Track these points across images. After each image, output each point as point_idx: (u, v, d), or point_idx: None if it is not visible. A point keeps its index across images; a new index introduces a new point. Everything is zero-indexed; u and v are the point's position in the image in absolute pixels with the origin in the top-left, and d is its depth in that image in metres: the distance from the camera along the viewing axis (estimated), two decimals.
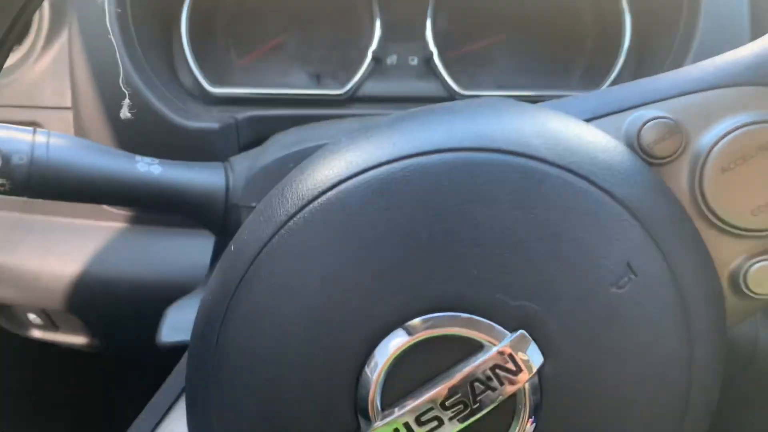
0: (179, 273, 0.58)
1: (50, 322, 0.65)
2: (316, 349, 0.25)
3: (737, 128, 0.27)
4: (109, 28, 0.50)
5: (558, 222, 0.25)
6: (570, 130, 0.27)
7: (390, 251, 0.25)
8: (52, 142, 0.41)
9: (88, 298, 0.59)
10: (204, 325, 0.28)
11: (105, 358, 0.75)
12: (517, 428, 0.25)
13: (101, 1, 0.51)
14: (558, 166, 0.25)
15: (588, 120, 0.29)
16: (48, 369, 0.77)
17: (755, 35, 0.54)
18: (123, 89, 0.32)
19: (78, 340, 0.66)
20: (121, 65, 0.27)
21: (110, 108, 0.54)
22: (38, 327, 0.67)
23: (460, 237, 0.24)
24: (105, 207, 0.59)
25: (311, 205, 0.26)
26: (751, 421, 0.58)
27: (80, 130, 0.56)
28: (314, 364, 0.25)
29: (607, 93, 0.31)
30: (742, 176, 0.27)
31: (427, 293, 0.24)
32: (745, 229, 0.27)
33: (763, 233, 0.27)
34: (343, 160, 0.27)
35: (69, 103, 0.56)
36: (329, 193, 0.26)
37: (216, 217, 0.46)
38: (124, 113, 0.32)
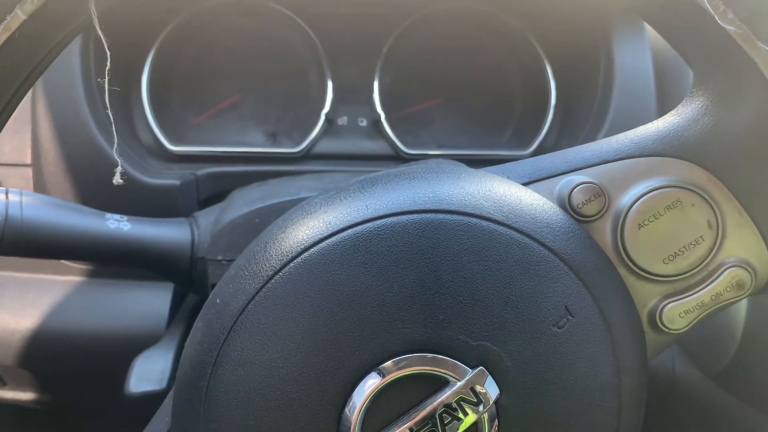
0: (135, 325, 0.59)
1: None
2: (301, 392, 0.28)
3: (649, 191, 0.32)
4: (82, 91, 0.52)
5: (507, 273, 0.29)
6: (513, 194, 0.32)
7: (366, 300, 0.28)
8: (25, 201, 0.43)
9: (43, 353, 0.59)
10: (192, 371, 0.30)
11: (52, 414, 0.74)
12: None
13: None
14: (505, 225, 0.30)
15: (525, 184, 0.34)
16: None
17: (659, 99, 0.62)
18: (116, 158, 0.35)
19: (26, 396, 0.65)
20: (116, 136, 0.29)
21: (73, 165, 0.55)
22: None
23: (427, 287, 0.28)
24: (61, 261, 0.60)
25: (294, 261, 0.29)
26: None
27: (40, 187, 0.57)
28: (300, 406, 0.28)
29: (540, 160, 0.36)
30: (654, 231, 0.32)
31: (398, 337, 0.28)
32: (659, 275, 0.33)
33: (674, 278, 0.33)
34: (321, 220, 0.30)
35: (29, 160, 0.58)
36: (311, 250, 0.29)
37: (182, 270, 0.49)
38: (117, 180, 0.34)
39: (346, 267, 0.29)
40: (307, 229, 0.30)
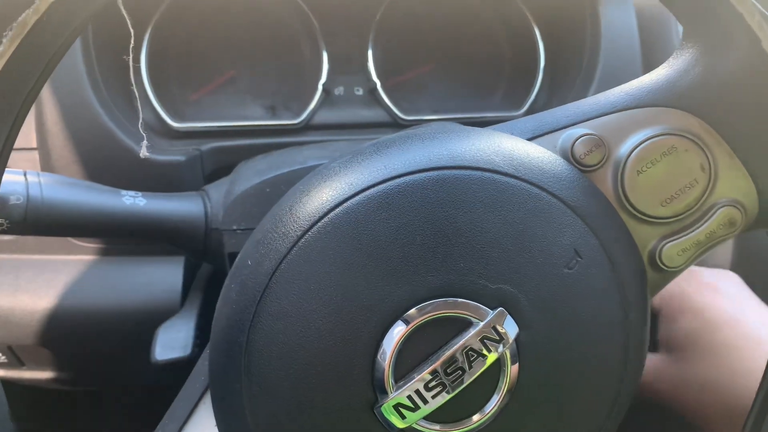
0: (150, 299, 0.61)
1: (15, 358, 0.66)
2: (336, 341, 0.30)
3: (646, 140, 0.35)
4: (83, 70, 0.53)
5: (521, 221, 0.31)
6: (521, 148, 0.34)
7: (391, 253, 0.30)
8: (44, 181, 0.44)
9: (61, 331, 0.61)
10: (230, 328, 0.33)
11: (71, 392, 0.76)
12: (504, 384, 0.31)
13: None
14: (516, 177, 0.32)
15: (529, 139, 0.36)
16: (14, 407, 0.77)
17: (645, 55, 0.64)
18: (141, 132, 0.36)
19: (45, 375, 0.67)
20: (140, 111, 0.31)
21: (79, 146, 0.56)
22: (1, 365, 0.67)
23: (447, 237, 0.31)
24: (72, 240, 0.62)
25: (322, 221, 0.31)
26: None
27: (48, 169, 0.58)
28: (336, 354, 0.30)
29: (542, 117, 0.38)
30: (651, 176, 0.35)
31: (423, 284, 0.30)
32: (657, 217, 0.35)
33: (671, 219, 0.35)
34: (344, 181, 0.32)
35: (34, 144, 0.59)
36: (337, 209, 0.31)
37: (197, 242, 0.50)
38: (143, 153, 0.36)
39: (371, 223, 0.31)
40: (330, 191, 0.32)
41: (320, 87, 0.64)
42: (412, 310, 0.30)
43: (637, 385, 0.35)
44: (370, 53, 0.65)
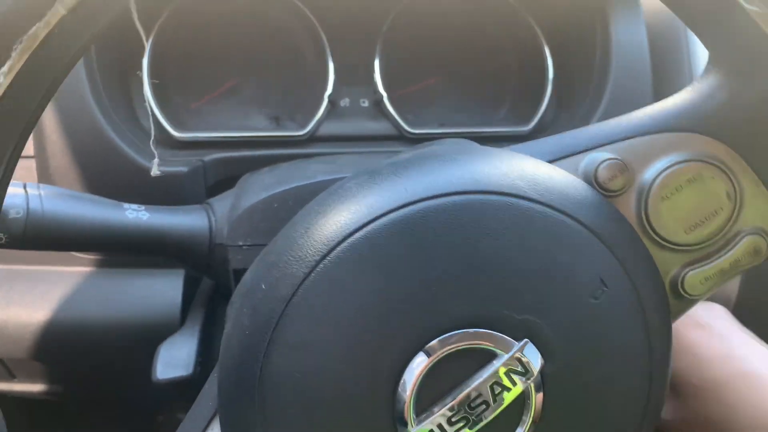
0: (148, 313, 0.59)
1: (7, 371, 0.64)
2: (356, 373, 0.29)
3: (670, 166, 0.34)
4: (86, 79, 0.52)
5: (546, 248, 0.30)
6: (544, 172, 0.33)
7: (413, 281, 0.29)
8: (44, 194, 0.43)
9: (55, 344, 0.59)
10: (241, 356, 0.31)
11: (63, 405, 0.74)
12: (529, 417, 0.30)
13: None
14: (541, 203, 0.31)
15: (550, 161, 0.36)
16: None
17: (655, 74, 0.64)
18: (152, 149, 0.35)
19: (36, 388, 0.65)
20: (153, 127, 0.30)
21: (79, 156, 0.55)
22: None
23: (471, 266, 0.30)
24: (69, 252, 0.60)
25: (341, 246, 0.30)
26: None
27: (46, 179, 0.57)
28: (356, 385, 0.29)
29: (562, 138, 0.37)
30: (676, 203, 0.34)
31: (446, 315, 0.29)
32: (681, 245, 0.34)
33: (695, 247, 0.34)
34: (362, 204, 0.31)
35: (32, 152, 0.57)
36: (357, 234, 0.30)
37: (201, 258, 0.49)
38: (155, 171, 0.35)
39: (391, 249, 0.30)
40: (349, 214, 0.31)
41: (326, 98, 0.63)
42: (435, 342, 0.29)
43: (659, 414, 0.34)
44: (376, 64, 0.64)
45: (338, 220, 0.31)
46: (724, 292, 0.61)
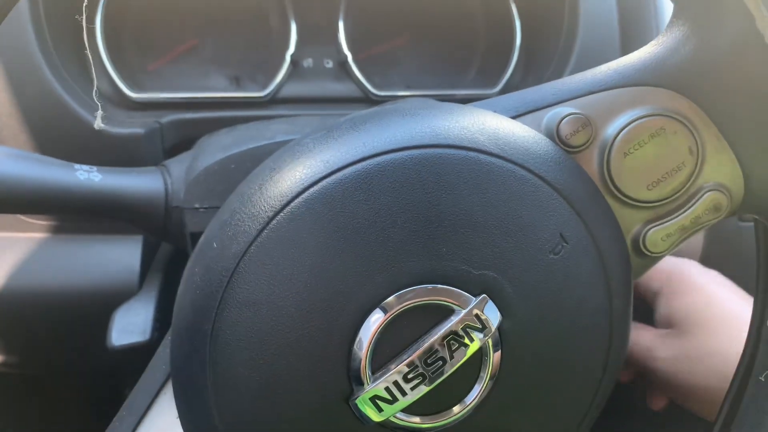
0: (106, 280, 0.58)
1: None
2: (310, 330, 0.28)
3: (633, 120, 0.33)
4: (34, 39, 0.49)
5: (506, 204, 0.30)
6: (505, 127, 0.32)
7: (370, 237, 0.28)
8: None
9: (8, 313, 0.57)
10: (193, 315, 0.30)
11: (20, 376, 0.72)
12: (486, 374, 0.30)
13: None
14: (501, 158, 0.30)
15: (513, 117, 0.35)
16: None
17: (623, 37, 0.63)
18: (95, 101, 0.33)
19: None
20: (94, 78, 0.28)
21: (29, 115, 0.52)
22: None
23: (429, 221, 0.29)
24: (20, 217, 0.58)
25: (295, 201, 0.29)
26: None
27: None
28: (310, 344, 0.28)
29: (525, 94, 0.36)
30: (638, 159, 0.33)
31: (404, 270, 0.29)
32: (643, 201, 0.34)
33: (656, 203, 0.34)
34: (318, 159, 0.30)
35: None
36: (312, 189, 0.29)
37: (156, 221, 0.47)
38: (98, 124, 0.33)
39: (348, 205, 0.29)
40: (304, 169, 0.30)
41: (288, 58, 0.61)
42: (391, 298, 0.29)
43: (619, 372, 0.34)
44: (341, 24, 0.62)
45: (293, 175, 0.30)
46: (689, 249, 0.61)
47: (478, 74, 0.69)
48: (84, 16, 0.25)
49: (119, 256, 0.58)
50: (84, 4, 0.26)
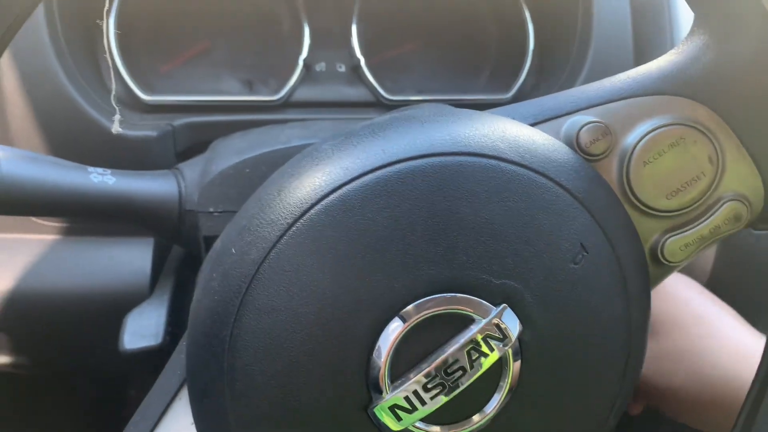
0: (117, 283, 0.57)
1: None
2: (329, 338, 0.28)
3: (653, 130, 0.33)
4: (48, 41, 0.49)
5: (526, 212, 0.30)
6: (525, 135, 0.32)
7: (390, 244, 0.28)
8: (3, 155, 0.41)
9: (20, 314, 0.57)
10: (211, 321, 0.30)
11: (30, 377, 0.72)
12: (506, 383, 0.29)
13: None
14: (522, 166, 0.30)
15: (532, 124, 0.35)
16: None
17: (636, 43, 0.63)
18: (114, 105, 0.33)
19: (1, 360, 0.63)
20: (113, 81, 0.28)
21: (42, 117, 0.52)
22: None
23: (450, 229, 0.29)
24: (33, 218, 0.58)
25: (315, 208, 0.29)
26: None
27: (8, 141, 0.54)
28: (329, 352, 0.28)
29: (544, 101, 0.36)
30: (658, 168, 0.33)
31: (424, 279, 0.28)
32: (662, 210, 0.34)
33: (675, 213, 0.34)
34: (338, 165, 0.30)
35: None
36: (332, 196, 0.29)
37: (170, 224, 0.47)
38: (116, 128, 0.33)
39: (368, 212, 0.28)
40: (323, 175, 0.30)
41: (301, 62, 0.61)
42: (411, 306, 0.28)
43: (637, 382, 0.34)
44: (354, 28, 0.62)
45: (312, 182, 0.30)
46: (699, 264, 0.61)
47: (491, 79, 0.69)
48: (105, 21, 0.26)
49: (130, 259, 0.58)
50: (105, 9, 0.26)
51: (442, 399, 0.28)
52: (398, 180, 0.29)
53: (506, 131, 0.32)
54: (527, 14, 0.65)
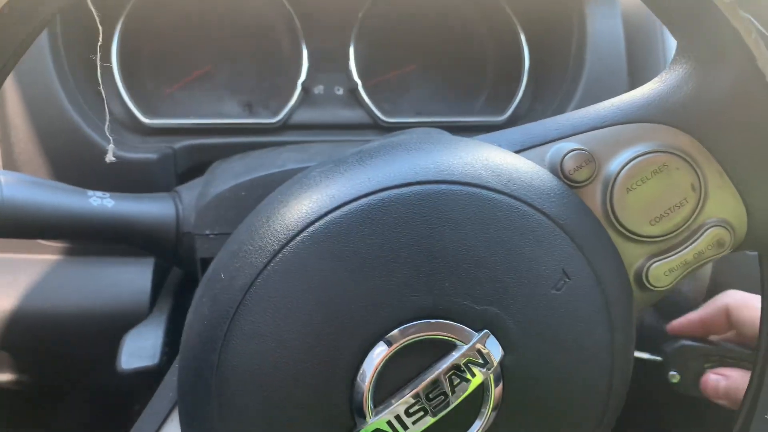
0: (116, 302, 0.58)
1: None
2: (313, 363, 0.29)
3: (636, 157, 0.34)
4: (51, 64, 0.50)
5: (508, 239, 0.30)
6: (509, 162, 0.33)
7: (374, 271, 0.29)
8: (5, 180, 0.42)
9: (22, 333, 0.58)
10: (201, 345, 0.31)
11: (32, 394, 0.73)
12: (488, 408, 0.30)
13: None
14: (504, 194, 0.31)
15: (517, 151, 0.35)
16: None
17: (630, 67, 0.64)
18: (108, 135, 0.34)
19: (3, 377, 0.64)
20: (107, 112, 0.29)
21: (45, 141, 0.54)
22: None
23: (433, 256, 0.29)
24: (35, 240, 0.59)
25: (301, 235, 0.29)
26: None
27: (11, 165, 0.55)
28: (313, 376, 0.29)
29: (529, 128, 0.37)
30: (641, 194, 0.34)
31: (407, 305, 0.29)
32: (646, 236, 0.34)
33: (659, 238, 0.34)
34: (324, 193, 0.31)
35: None
36: (317, 224, 0.29)
37: (168, 245, 0.48)
38: (109, 157, 0.34)
39: (353, 239, 0.29)
40: (310, 203, 0.30)
41: (299, 85, 0.62)
42: (395, 332, 0.29)
43: (620, 408, 0.34)
44: (351, 52, 0.63)
45: (299, 209, 0.30)
46: (697, 282, 0.61)
47: (487, 101, 0.70)
48: (98, 55, 0.27)
49: (131, 279, 0.58)
50: (98, 44, 0.27)
51: (426, 423, 0.29)
52: (382, 208, 0.29)
53: (489, 159, 0.32)
54: (523, 38, 0.66)
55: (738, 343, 0.55)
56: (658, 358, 0.53)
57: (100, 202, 0.45)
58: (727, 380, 0.53)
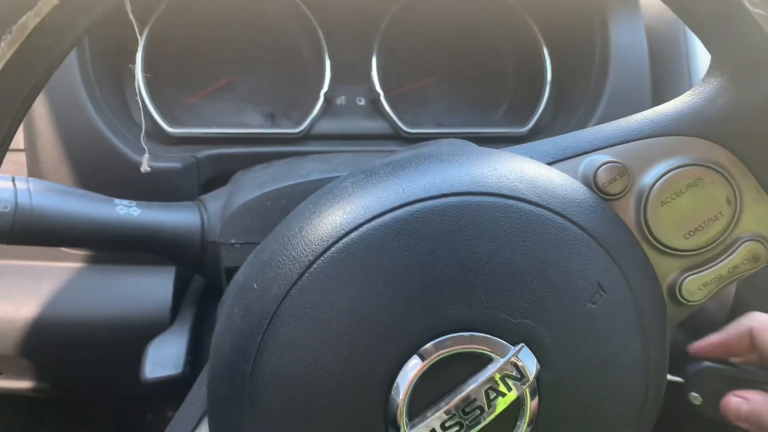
0: (138, 311, 0.58)
1: None
2: (348, 375, 0.28)
3: (671, 170, 0.33)
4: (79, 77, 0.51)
5: (544, 252, 0.30)
6: (544, 175, 0.32)
7: (409, 283, 0.29)
8: (33, 188, 0.42)
9: (43, 341, 0.58)
10: (233, 356, 0.31)
11: (50, 402, 0.73)
12: (524, 422, 0.29)
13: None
14: (540, 206, 0.31)
15: (549, 163, 0.35)
16: None
17: (654, 78, 0.63)
18: (143, 145, 0.35)
19: (23, 385, 0.64)
20: (143, 122, 0.29)
21: (71, 150, 0.54)
22: None
23: (468, 268, 0.29)
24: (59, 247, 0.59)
25: (336, 246, 0.29)
26: None
27: (36, 173, 0.56)
28: (347, 388, 0.28)
29: (561, 140, 0.37)
30: (675, 208, 0.34)
31: (443, 318, 0.29)
32: (680, 250, 0.34)
33: (693, 252, 0.34)
34: (358, 204, 0.30)
35: (22, 145, 0.56)
36: (352, 235, 0.29)
37: (192, 255, 0.48)
38: (144, 168, 0.34)
39: (388, 251, 0.29)
40: (344, 214, 0.30)
41: (322, 96, 0.62)
42: (429, 345, 0.29)
43: (654, 421, 0.34)
44: (374, 63, 0.63)
45: (333, 219, 0.30)
46: (720, 298, 0.61)
47: (508, 113, 0.70)
48: (137, 64, 0.27)
49: (152, 288, 0.58)
50: (138, 54, 0.28)
51: None
52: (417, 219, 0.29)
53: (524, 171, 0.32)
54: (545, 50, 0.66)
55: (761, 366, 0.55)
56: (680, 380, 0.53)
57: (126, 210, 0.45)
58: (749, 403, 0.52)
